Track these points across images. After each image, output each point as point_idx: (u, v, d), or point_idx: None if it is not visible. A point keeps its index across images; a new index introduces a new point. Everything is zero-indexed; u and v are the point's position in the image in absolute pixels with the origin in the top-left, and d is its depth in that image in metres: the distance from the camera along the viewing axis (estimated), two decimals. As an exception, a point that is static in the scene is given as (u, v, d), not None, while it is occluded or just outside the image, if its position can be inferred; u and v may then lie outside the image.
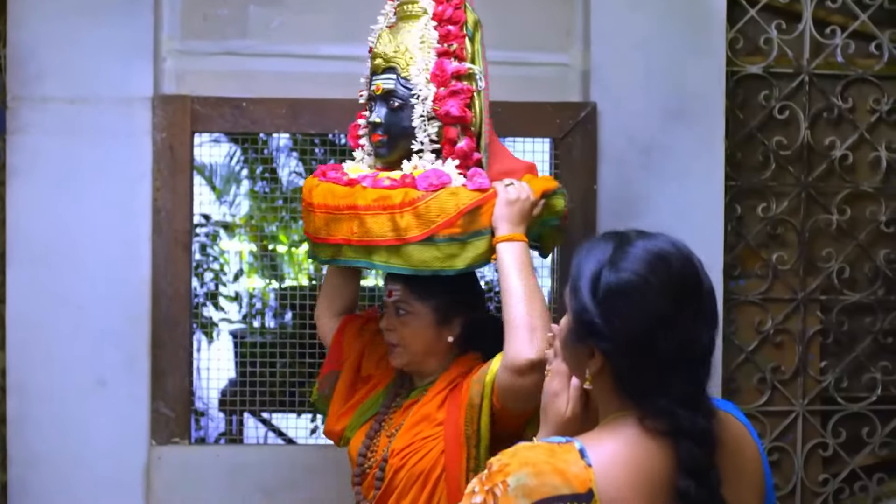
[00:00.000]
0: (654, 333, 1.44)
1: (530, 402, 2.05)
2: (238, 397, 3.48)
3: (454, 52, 2.26)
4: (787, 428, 3.37)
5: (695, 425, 1.44)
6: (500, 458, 1.43)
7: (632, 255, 1.47)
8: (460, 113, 2.22)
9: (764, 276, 3.36)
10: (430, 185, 2.17)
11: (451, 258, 2.15)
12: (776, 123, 3.36)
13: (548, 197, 2.27)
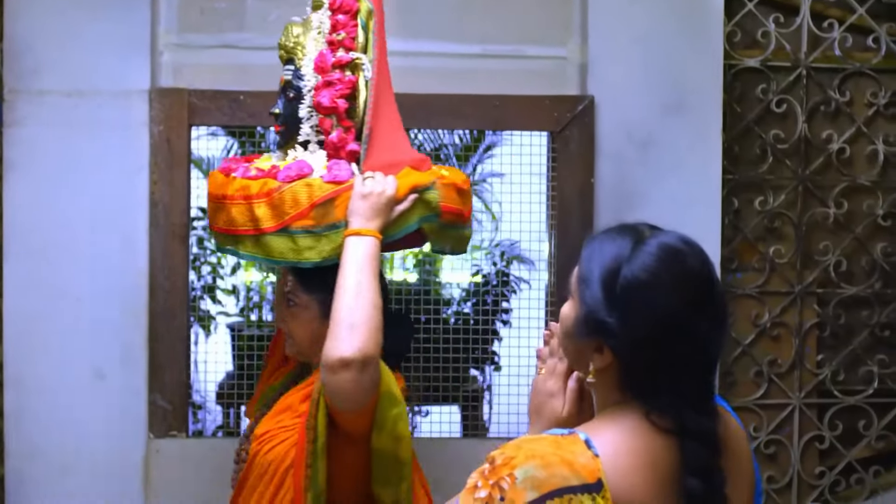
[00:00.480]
0: (668, 333, 1.43)
1: (350, 402, 2.01)
2: (235, 390, 3.48)
3: (341, 41, 2.23)
4: (783, 421, 3.38)
5: (701, 426, 1.43)
6: (503, 452, 1.41)
7: (649, 252, 1.45)
8: (330, 104, 2.19)
9: (761, 269, 3.37)
10: (287, 177, 2.15)
11: (306, 250, 2.13)
12: (773, 117, 3.36)
13: (421, 192, 2.19)
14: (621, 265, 1.45)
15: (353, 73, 2.23)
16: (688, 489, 1.41)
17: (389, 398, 2.08)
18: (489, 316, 4.07)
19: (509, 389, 3.32)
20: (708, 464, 1.43)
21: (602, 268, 1.46)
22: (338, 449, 2.11)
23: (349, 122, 2.22)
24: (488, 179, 5.04)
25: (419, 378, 3.39)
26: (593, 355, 1.48)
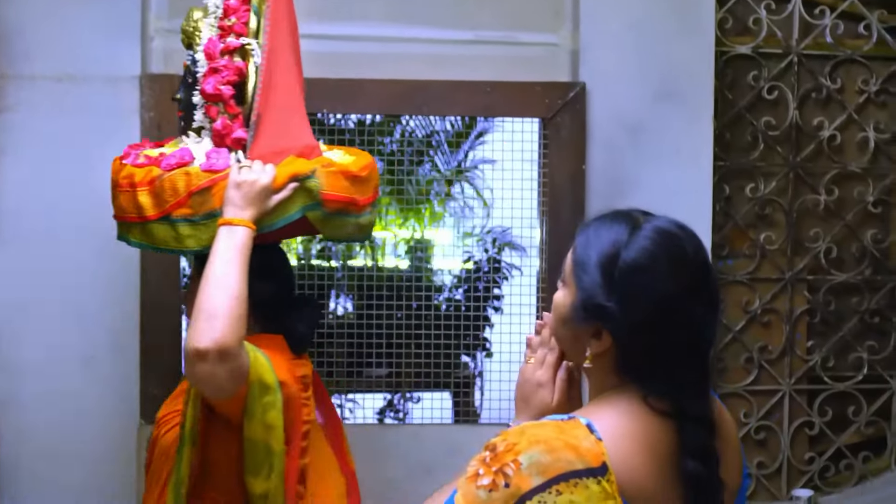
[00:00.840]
0: (667, 316, 1.44)
1: (211, 392, 2.01)
2: None
3: (232, 26, 2.22)
4: (773, 407, 3.40)
5: (698, 409, 1.45)
6: (504, 438, 1.41)
7: (646, 236, 1.46)
8: (213, 91, 2.18)
9: (752, 255, 3.38)
10: (168, 165, 2.15)
11: (187, 238, 2.14)
12: (765, 104, 3.37)
13: (301, 181, 2.15)
14: (619, 250, 1.45)
15: (244, 59, 2.21)
16: (687, 471, 1.43)
17: (260, 386, 2.05)
18: (480, 302, 4.08)
19: (500, 376, 3.34)
20: (705, 446, 1.44)
21: (599, 253, 1.47)
22: (218, 435, 2.10)
23: (237, 108, 2.20)
24: (480, 166, 5.04)
25: (410, 364, 3.41)
26: (590, 340, 1.49)
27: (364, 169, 2.27)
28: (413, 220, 4.74)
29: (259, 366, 2.05)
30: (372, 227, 2.36)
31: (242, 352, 2.00)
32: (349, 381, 3.58)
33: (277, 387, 2.08)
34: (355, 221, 2.26)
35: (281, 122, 2.24)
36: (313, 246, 4.77)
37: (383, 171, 4.24)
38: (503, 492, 1.37)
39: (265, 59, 2.20)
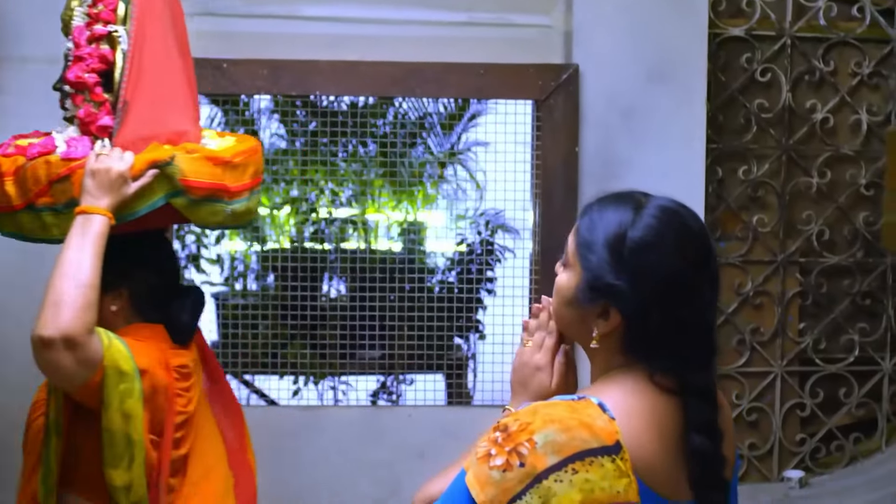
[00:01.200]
0: (674, 292, 1.45)
1: (61, 381, 1.98)
2: (222, 358, 3.50)
3: (99, 14, 2.19)
4: (765, 388, 3.42)
5: (703, 383, 1.46)
6: (517, 418, 1.41)
7: (652, 215, 1.47)
8: (75, 79, 2.17)
9: (744, 238, 3.39)
10: (31, 154, 2.13)
11: (52, 227, 2.12)
12: (758, 86, 3.38)
13: (161, 167, 2.09)
14: (626, 230, 1.46)
15: (111, 46, 2.19)
16: (693, 446, 1.44)
17: (117, 374, 2.00)
18: (473, 285, 4.09)
19: (493, 358, 3.36)
20: (710, 420, 1.46)
21: (606, 233, 1.47)
22: (84, 426, 2.07)
23: (102, 96, 2.17)
24: (473, 148, 5.04)
25: (404, 346, 3.42)
26: (597, 321, 1.49)
27: (238, 155, 2.20)
28: (406, 202, 4.75)
29: (115, 353, 2.01)
30: (251, 214, 2.28)
31: (92, 339, 1.95)
32: (342, 363, 3.61)
33: (136, 374, 2.03)
34: (228, 208, 2.18)
35: (150, 108, 2.19)
36: (306, 229, 4.78)
37: (376, 153, 4.27)
38: (518, 471, 1.37)
39: (132, 45, 2.17)
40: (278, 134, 4.91)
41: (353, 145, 4.31)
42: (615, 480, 1.36)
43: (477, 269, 4.48)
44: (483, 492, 1.38)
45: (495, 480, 1.37)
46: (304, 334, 3.69)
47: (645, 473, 1.39)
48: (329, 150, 3.96)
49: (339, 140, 4.11)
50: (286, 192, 4.85)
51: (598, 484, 1.35)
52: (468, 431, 3.08)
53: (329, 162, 4.04)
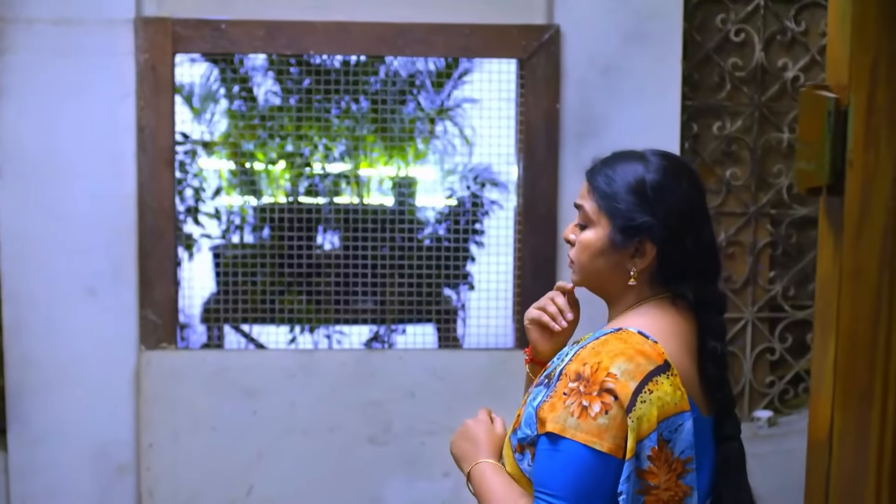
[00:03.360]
0: (693, 219, 1.68)
1: None
2: (221, 308, 3.61)
3: None
4: (737, 334, 3.59)
5: (716, 295, 1.70)
6: (584, 363, 1.58)
7: (659, 163, 1.68)
8: None
9: (718, 191, 3.55)
10: None
11: None
12: (732, 46, 3.52)
13: None
14: (643, 175, 1.67)
15: None
16: (709, 349, 1.67)
17: None
18: (461, 236, 4.23)
19: (482, 306, 3.53)
20: (721, 324, 1.70)
21: (627, 182, 1.67)
22: None
23: None
24: (462, 105, 5.15)
25: (395, 297, 3.56)
26: (633, 260, 1.69)
27: None
28: (397, 157, 4.85)
29: None
30: None
31: None
32: (336, 313, 3.73)
33: None
34: None
35: None
36: (301, 183, 4.89)
37: (368, 109, 4.38)
38: (616, 405, 1.53)
39: None
40: (273, 91, 5.01)
41: (346, 102, 4.36)
42: (674, 394, 1.56)
43: (466, 221, 4.62)
44: (603, 440, 1.54)
45: (605, 426, 1.53)
46: (300, 285, 3.82)
47: (686, 387, 1.59)
48: (322, 106, 4.03)
49: (332, 97, 4.18)
50: (281, 147, 4.92)
51: (665, 399, 1.55)
52: (456, 372, 3.29)
53: (322, 118, 4.13)
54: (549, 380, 1.68)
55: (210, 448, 3.25)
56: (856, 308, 1.08)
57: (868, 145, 1.06)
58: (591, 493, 1.56)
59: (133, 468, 3.26)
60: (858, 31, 1.08)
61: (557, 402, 1.59)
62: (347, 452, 3.29)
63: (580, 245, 1.73)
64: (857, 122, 1.07)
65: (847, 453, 1.08)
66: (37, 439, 3.24)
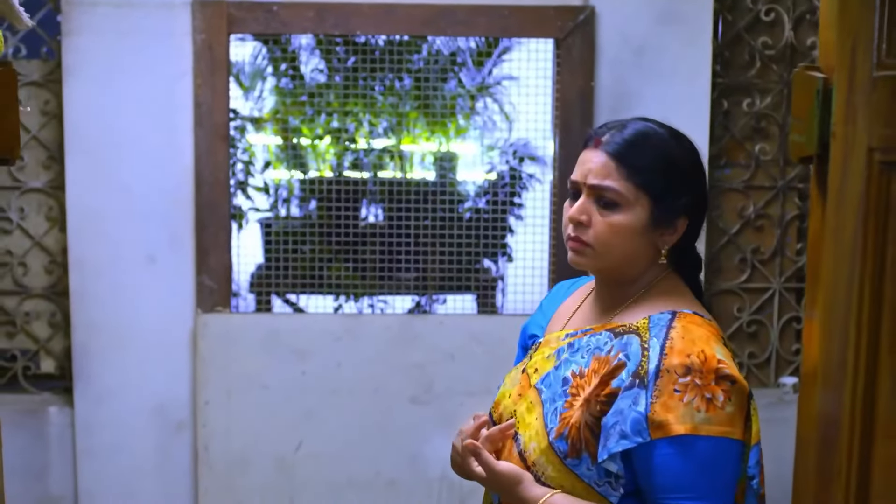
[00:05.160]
0: (707, 196, 1.77)
1: None
2: (270, 278, 3.79)
3: None
4: (764, 303, 3.73)
5: (698, 259, 1.79)
6: (688, 353, 1.56)
7: (676, 133, 1.72)
8: None
9: (747, 165, 3.68)
10: None
11: None
12: (762, 25, 3.63)
13: None
14: (675, 151, 1.69)
15: None
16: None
17: None
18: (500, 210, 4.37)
19: (520, 278, 3.69)
20: (701, 285, 1.80)
21: (665, 160, 1.68)
22: None
23: None
24: (503, 82, 5.29)
25: (436, 268, 3.72)
26: (663, 238, 1.69)
27: None
28: (439, 133, 5.00)
29: None
30: None
31: None
32: (381, 283, 3.90)
33: None
34: None
35: None
36: (346, 158, 5.05)
37: (411, 87, 4.53)
38: (736, 389, 1.54)
39: None
40: (319, 69, 5.18)
41: (390, 80, 4.49)
42: (734, 362, 1.62)
43: (505, 195, 4.77)
44: (735, 428, 1.54)
45: (733, 412, 1.53)
46: (345, 256, 3.98)
47: None
48: (367, 84, 4.18)
49: (376, 75, 4.31)
50: (327, 123, 5.07)
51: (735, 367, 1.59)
52: (494, 336, 3.45)
53: (367, 95, 4.28)
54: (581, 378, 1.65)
55: (261, 406, 3.45)
56: (837, 259, 1.23)
57: (848, 120, 1.21)
58: (730, 483, 1.57)
59: (190, 424, 3.47)
60: (841, 19, 1.23)
61: (670, 401, 1.54)
62: (390, 411, 3.48)
63: (611, 227, 1.67)
64: (839, 100, 1.22)
65: (829, 385, 1.24)
66: (100, 397, 3.46)
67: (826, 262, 1.26)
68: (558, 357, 1.73)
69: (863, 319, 1.16)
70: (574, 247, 1.70)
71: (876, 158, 1.15)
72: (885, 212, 1.13)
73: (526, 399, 1.73)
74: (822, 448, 1.22)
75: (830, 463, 1.21)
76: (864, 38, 1.18)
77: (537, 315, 1.93)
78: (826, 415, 1.23)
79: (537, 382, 1.72)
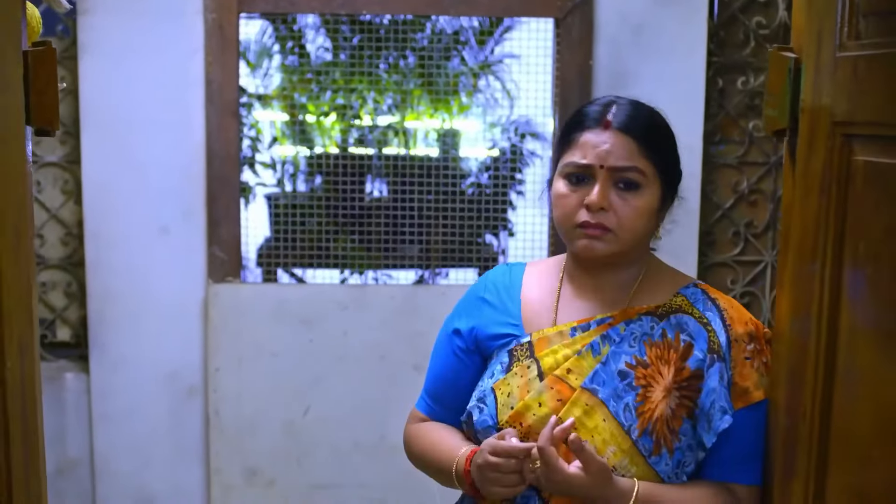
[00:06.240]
0: None
1: None
2: (276, 251, 3.88)
3: None
4: (757, 275, 3.84)
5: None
6: (745, 321, 1.62)
7: (660, 114, 1.73)
8: None
9: (741, 142, 3.78)
10: None
11: None
12: (757, 6, 3.72)
13: None
14: (669, 127, 1.72)
15: None
16: None
17: None
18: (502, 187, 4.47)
19: (522, 253, 3.78)
20: None
21: (669, 138, 1.71)
22: None
23: None
24: (504, 60, 5.38)
25: (439, 242, 3.83)
26: (664, 214, 1.72)
27: None
28: (442, 110, 5.08)
29: None
30: None
31: None
32: (385, 257, 4.01)
33: None
34: None
35: None
36: (351, 135, 5.14)
37: (415, 65, 4.62)
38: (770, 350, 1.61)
39: None
40: (325, 47, 5.26)
41: (394, 58, 4.54)
42: None
43: (506, 171, 4.87)
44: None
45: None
46: (350, 230, 4.08)
47: None
48: (372, 62, 4.24)
49: (380, 53, 4.37)
50: (332, 100, 5.14)
51: None
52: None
53: (372, 73, 4.34)
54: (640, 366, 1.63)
55: (270, 372, 3.58)
56: (804, 223, 1.35)
57: (815, 96, 1.33)
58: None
59: (201, 390, 3.60)
60: (809, 5, 1.35)
61: (744, 369, 1.58)
62: (394, 378, 3.61)
63: (636, 210, 1.64)
64: (807, 78, 1.34)
65: (795, 335, 1.36)
66: (115, 364, 3.58)
67: (795, 227, 1.37)
68: (596, 352, 1.66)
69: (825, 277, 1.27)
70: (595, 233, 1.64)
71: (838, 131, 1.26)
72: (846, 179, 1.24)
73: (578, 404, 1.63)
74: (790, 386, 1.34)
75: (798, 397, 1.33)
76: (828, 22, 1.29)
77: (490, 313, 1.81)
78: (794, 361, 1.35)
79: (585, 383, 1.64)
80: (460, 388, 1.84)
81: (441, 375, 1.90)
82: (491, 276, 1.88)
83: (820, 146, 1.29)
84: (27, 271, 1.25)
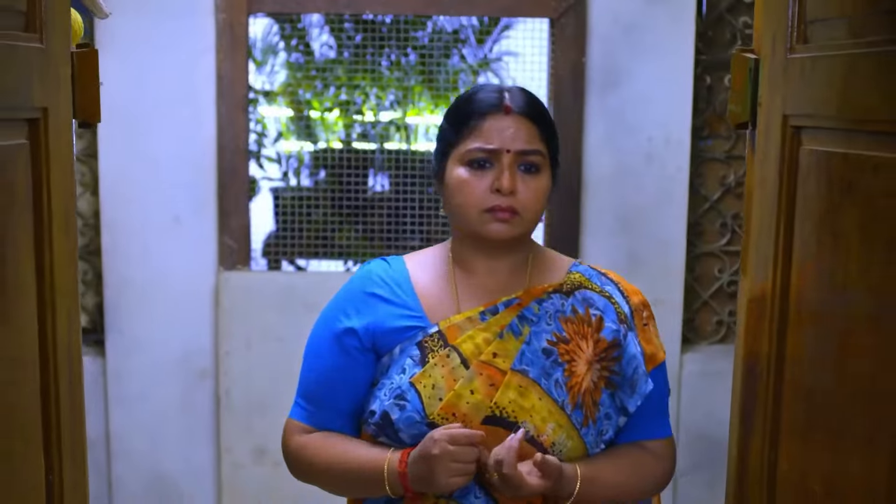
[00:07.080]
0: None
1: None
2: (282, 243, 4.04)
3: None
4: (743, 265, 4.00)
5: None
6: (636, 291, 1.82)
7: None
8: None
9: (728, 137, 3.93)
10: None
11: None
12: (743, 6, 3.86)
13: None
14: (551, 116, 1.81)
15: None
16: None
17: None
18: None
19: (514, 236, 3.92)
20: None
21: (552, 120, 1.82)
22: None
23: None
24: (503, 58, 5.54)
25: (439, 234, 3.98)
26: (549, 195, 1.79)
27: None
28: (443, 106, 5.23)
29: None
30: None
31: None
32: (388, 248, 4.15)
33: None
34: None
35: None
36: (354, 130, 5.29)
37: (416, 62, 4.78)
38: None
39: None
40: (328, 45, 5.42)
41: (396, 55, 4.64)
42: None
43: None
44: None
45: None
46: (353, 223, 4.23)
47: None
48: (374, 59, 4.38)
49: (382, 51, 4.46)
50: (335, 97, 5.27)
51: None
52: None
53: (374, 70, 4.48)
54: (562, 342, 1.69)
55: (277, 356, 3.73)
56: (762, 208, 1.51)
57: (770, 93, 1.49)
58: None
59: (212, 373, 3.76)
60: (765, 11, 1.52)
61: (645, 334, 1.72)
62: (397, 362, 3.74)
63: (537, 192, 1.69)
64: (763, 77, 1.51)
65: (753, 309, 1.53)
66: (130, 348, 3.74)
67: (755, 211, 1.54)
68: (517, 333, 1.69)
69: (779, 256, 1.43)
70: (506, 217, 1.67)
71: (789, 123, 1.42)
72: (795, 167, 1.40)
73: (511, 386, 1.66)
74: (749, 338, 1.50)
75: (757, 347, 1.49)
76: (781, 27, 1.45)
77: (386, 307, 1.78)
78: (753, 315, 1.51)
79: (515, 364, 1.67)
80: (350, 389, 1.79)
81: (326, 378, 1.82)
82: (375, 270, 1.82)
83: (774, 137, 1.45)
84: (73, 250, 1.42)
